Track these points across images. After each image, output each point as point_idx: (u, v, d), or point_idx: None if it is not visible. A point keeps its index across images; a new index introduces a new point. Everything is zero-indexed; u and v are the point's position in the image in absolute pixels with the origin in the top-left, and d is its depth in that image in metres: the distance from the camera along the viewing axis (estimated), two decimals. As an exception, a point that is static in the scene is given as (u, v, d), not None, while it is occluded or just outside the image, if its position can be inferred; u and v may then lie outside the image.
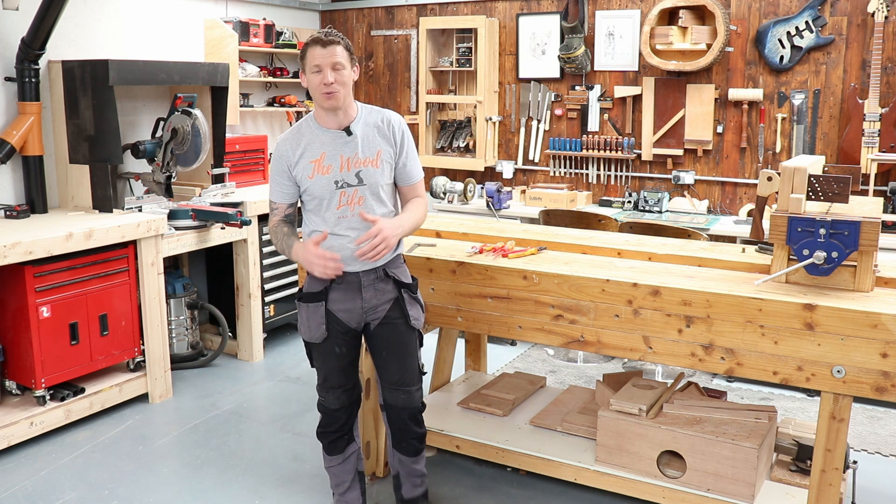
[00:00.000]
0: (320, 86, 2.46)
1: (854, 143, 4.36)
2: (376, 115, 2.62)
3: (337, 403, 2.71)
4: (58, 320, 3.57)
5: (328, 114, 2.53)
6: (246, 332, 4.62)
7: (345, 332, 2.63)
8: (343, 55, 2.48)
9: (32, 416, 3.51)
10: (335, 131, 2.54)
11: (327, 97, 2.47)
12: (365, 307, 2.60)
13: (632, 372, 3.36)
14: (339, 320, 2.61)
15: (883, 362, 2.23)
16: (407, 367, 2.70)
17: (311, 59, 2.47)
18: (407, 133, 2.64)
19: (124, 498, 3.11)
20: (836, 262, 2.38)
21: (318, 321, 2.60)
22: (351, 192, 2.53)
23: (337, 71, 2.46)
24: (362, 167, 2.53)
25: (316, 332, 2.62)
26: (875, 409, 3.91)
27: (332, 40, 2.47)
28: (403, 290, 2.64)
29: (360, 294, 2.59)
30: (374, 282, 2.59)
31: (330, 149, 2.53)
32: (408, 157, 2.64)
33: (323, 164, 2.52)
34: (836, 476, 2.40)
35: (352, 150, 2.53)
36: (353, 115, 2.56)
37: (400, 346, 2.67)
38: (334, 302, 2.59)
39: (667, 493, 2.77)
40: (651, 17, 4.72)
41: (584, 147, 5.24)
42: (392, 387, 2.71)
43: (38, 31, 3.78)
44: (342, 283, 2.57)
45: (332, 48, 2.46)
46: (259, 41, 5.20)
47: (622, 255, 3.01)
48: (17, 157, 3.99)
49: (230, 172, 4.77)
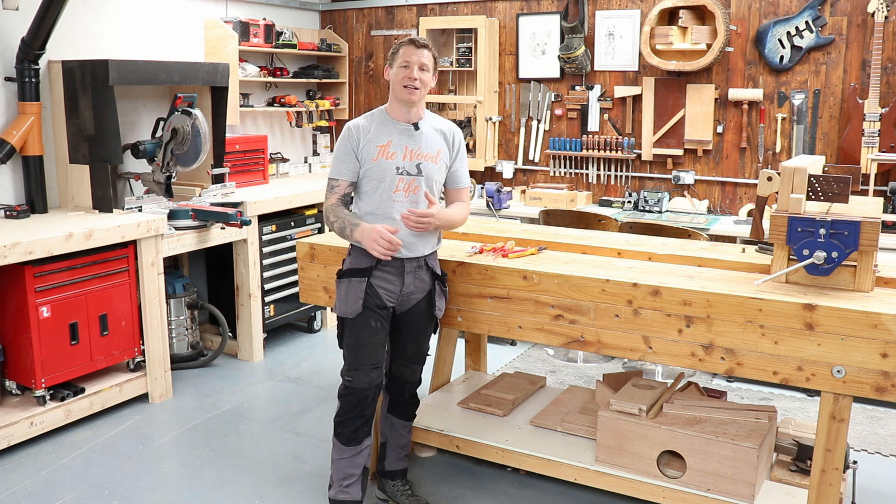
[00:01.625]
0: (405, 79, 2.69)
1: (854, 143, 4.36)
2: (441, 121, 2.88)
3: (366, 381, 2.77)
4: (58, 320, 3.57)
5: (402, 107, 2.74)
6: (246, 332, 4.62)
7: (381, 308, 2.77)
8: (430, 60, 2.73)
9: (32, 416, 3.51)
10: (404, 124, 2.76)
11: (409, 91, 2.69)
12: (404, 292, 2.78)
13: (632, 372, 3.36)
14: (378, 295, 2.75)
15: (883, 362, 2.23)
16: (420, 348, 2.94)
17: (403, 54, 2.71)
18: (463, 144, 2.90)
19: (124, 498, 3.11)
20: (836, 262, 2.38)
21: (357, 295, 2.73)
22: (409, 180, 2.73)
23: (422, 71, 2.70)
24: (423, 160, 2.75)
25: (353, 307, 2.74)
26: (875, 409, 3.91)
27: (425, 45, 2.73)
28: (437, 282, 2.84)
29: (401, 278, 2.76)
30: (415, 269, 2.78)
31: (397, 139, 2.74)
32: (460, 164, 2.89)
33: (388, 150, 2.73)
34: (836, 476, 2.40)
35: (416, 143, 2.75)
36: (422, 115, 2.80)
37: (421, 331, 2.90)
38: (378, 279, 2.75)
39: (667, 493, 2.77)
40: (651, 17, 4.72)
41: (584, 147, 5.24)
42: (402, 362, 2.93)
43: (38, 31, 3.78)
44: (387, 265, 2.74)
45: (423, 51, 2.71)
46: (259, 41, 5.20)
47: (622, 255, 3.01)
48: (17, 157, 3.99)
49: (230, 172, 4.76)
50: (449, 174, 2.88)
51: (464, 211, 2.91)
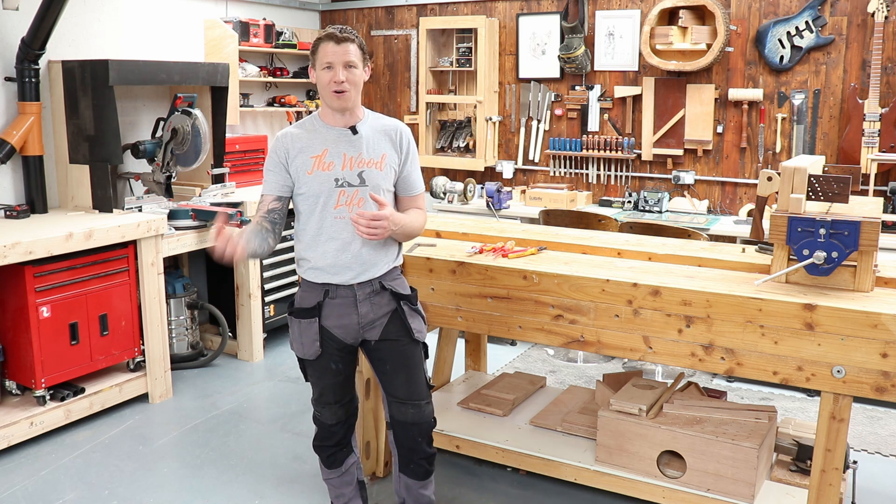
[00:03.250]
0: (330, 83, 2.38)
1: (854, 143, 4.36)
2: (384, 120, 2.56)
3: (333, 419, 2.61)
4: (58, 320, 3.57)
5: (335, 113, 2.46)
6: (246, 332, 4.62)
7: (340, 349, 2.51)
8: (356, 54, 2.39)
9: (32, 416, 3.51)
10: (340, 129, 2.46)
11: (337, 96, 2.39)
12: (361, 322, 2.48)
13: (632, 372, 3.36)
14: (334, 337, 2.48)
15: (883, 362, 2.23)
16: (414, 380, 2.56)
17: (322, 54, 2.38)
18: (413, 143, 2.57)
19: (124, 498, 3.11)
20: (836, 262, 2.38)
21: (311, 338, 2.48)
22: (351, 193, 2.42)
23: (349, 70, 2.38)
24: (366, 167, 2.44)
25: (310, 350, 2.49)
26: (875, 409, 3.91)
27: (347, 37, 2.37)
28: (402, 301, 2.52)
29: (355, 309, 2.46)
30: (369, 295, 2.47)
31: (333, 146, 2.44)
32: (412, 167, 2.55)
33: (324, 161, 2.42)
34: (836, 476, 2.40)
35: (356, 149, 2.44)
36: (360, 117, 2.50)
37: (404, 360, 2.54)
38: (328, 318, 2.47)
39: (667, 493, 2.77)
40: (651, 17, 4.72)
41: (584, 147, 5.24)
42: (399, 401, 2.56)
43: (38, 31, 3.78)
44: (336, 297, 2.45)
45: (345, 46, 2.37)
46: (259, 41, 5.20)
47: (622, 255, 3.01)
48: (17, 157, 3.99)
49: (230, 172, 4.77)
50: (400, 180, 2.53)
51: (421, 218, 2.58)
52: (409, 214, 2.53)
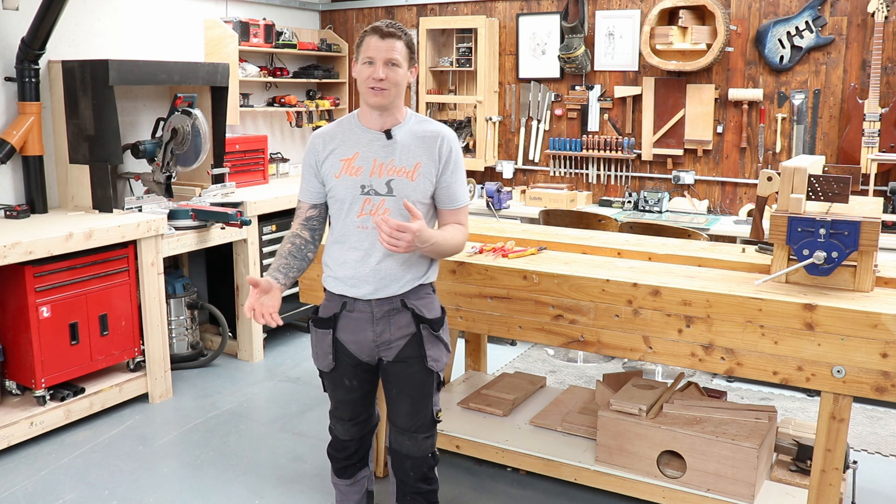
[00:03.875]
0: (369, 79, 2.21)
1: (854, 143, 4.36)
2: (426, 125, 2.34)
3: (346, 435, 2.52)
4: (58, 320, 3.57)
5: (372, 112, 2.28)
6: (246, 332, 4.62)
7: (355, 365, 2.39)
8: (401, 52, 2.22)
9: (32, 416, 3.51)
10: (375, 132, 2.29)
11: (374, 93, 2.22)
12: (377, 341, 2.34)
13: (632, 372, 3.36)
14: (347, 352, 2.38)
15: (883, 362, 2.23)
16: (417, 412, 2.40)
17: (365, 48, 2.22)
18: (456, 151, 2.33)
19: (124, 498, 3.11)
20: (836, 262, 2.38)
21: (325, 349, 2.39)
22: (377, 202, 2.26)
23: (391, 68, 2.21)
24: (395, 176, 2.26)
25: (323, 361, 2.41)
26: (875, 409, 3.91)
27: (392, 33, 2.21)
28: (423, 325, 2.34)
29: (370, 326, 2.32)
30: (388, 314, 2.31)
31: (364, 149, 2.28)
32: (453, 177, 2.33)
33: (353, 165, 2.27)
34: (836, 476, 2.40)
35: (388, 155, 2.27)
36: (399, 120, 2.31)
37: (412, 388, 2.38)
38: (343, 331, 2.36)
39: (667, 493, 2.77)
40: (651, 17, 4.72)
41: (584, 147, 5.24)
42: (397, 430, 2.44)
43: (38, 31, 3.77)
44: (353, 310, 2.32)
45: (390, 42, 2.20)
46: (259, 41, 5.20)
47: (622, 255, 3.01)
48: (17, 157, 3.99)
49: (230, 172, 4.77)
50: (440, 192, 2.33)
51: (459, 235, 2.35)
52: (446, 231, 2.34)
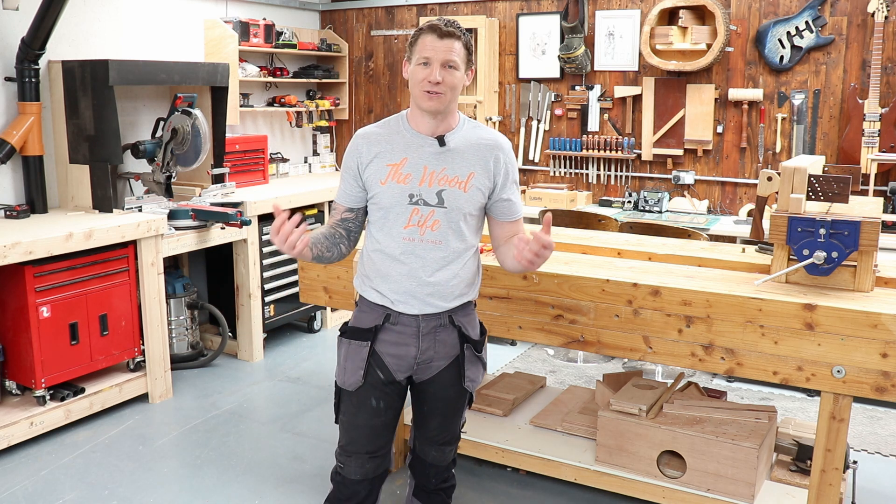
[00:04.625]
0: (424, 82, 2.06)
1: (854, 143, 4.36)
2: (482, 132, 2.21)
3: (359, 474, 2.27)
4: (58, 320, 3.57)
5: (424, 116, 2.13)
6: (246, 332, 4.62)
7: (387, 383, 2.21)
8: (460, 53, 2.09)
9: (32, 416, 3.51)
10: (426, 137, 2.14)
11: (429, 97, 2.07)
12: (419, 358, 2.20)
13: (632, 372, 3.36)
14: (384, 366, 2.20)
15: (883, 362, 2.23)
16: (448, 427, 2.36)
17: (421, 48, 2.07)
18: (513, 163, 2.22)
19: (124, 498, 3.11)
20: (836, 262, 2.38)
21: (357, 363, 2.18)
22: (426, 213, 2.11)
23: (448, 70, 2.07)
24: (447, 186, 2.11)
25: (352, 377, 2.20)
26: (875, 409, 3.91)
27: (452, 32, 2.07)
28: (467, 345, 2.23)
29: (416, 341, 2.18)
30: (434, 329, 2.18)
31: (415, 155, 2.12)
32: (511, 189, 2.22)
33: (401, 171, 2.11)
34: (836, 476, 2.40)
35: (440, 163, 2.12)
36: (452, 125, 2.17)
37: (445, 407, 2.31)
38: (384, 343, 2.19)
39: (667, 493, 2.77)
40: (651, 17, 4.72)
41: (584, 147, 5.24)
42: (427, 440, 2.38)
43: (38, 31, 3.77)
44: (397, 323, 2.17)
45: (449, 42, 2.06)
46: (259, 41, 5.20)
47: (622, 255, 3.01)
48: (17, 157, 3.99)
49: (230, 172, 4.77)
50: (499, 205, 2.21)
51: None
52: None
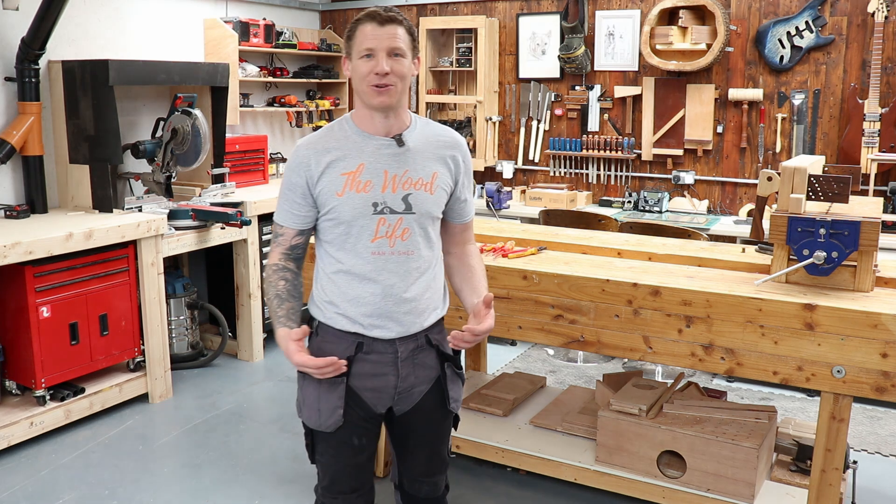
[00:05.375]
0: (370, 75, 1.85)
1: (854, 143, 4.36)
2: (436, 128, 2.03)
3: None
4: (58, 320, 3.57)
5: (375, 115, 1.92)
6: (246, 332, 4.62)
7: (367, 419, 2.01)
8: (405, 40, 1.88)
9: (32, 416, 3.51)
10: (381, 139, 1.93)
11: (378, 91, 1.86)
12: (399, 387, 1.99)
13: (632, 372, 3.36)
14: (362, 402, 1.97)
15: (883, 362, 2.23)
16: (436, 457, 2.15)
17: (361, 39, 1.86)
18: (470, 159, 2.08)
19: (124, 498, 3.11)
20: (836, 262, 2.38)
21: (333, 404, 1.94)
22: (394, 221, 1.91)
23: (395, 59, 1.86)
24: (413, 190, 1.92)
25: (329, 419, 1.96)
26: (875, 409, 3.91)
27: (393, 17, 1.86)
28: (447, 364, 2.06)
29: (395, 369, 1.97)
30: (413, 353, 1.99)
31: (372, 160, 1.91)
32: (467, 189, 2.08)
33: (359, 179, 1.89)
34: (836, 476, 2.40)
35: (401, 165, 1.92)
36: (406, 122, 1.97)
37: (432, 436, 2.12)
38: (359, 377, 1.96)
39: (667, 493, 2.77)
40: (651, 17, 4.72)
41: (584, 147, 5.24)
42: (415, 477, 2.16)
43: (38, 31, 3.78)
44: (371, 352, 1.95)
45: (391, 28, 1.85)
46: (259, 41, 5.20)
47: (622, 255, 3.01)
48: (17, 157, 3.99)
49: (230, 172, 4.77)
50: (454, 204, 2.05)
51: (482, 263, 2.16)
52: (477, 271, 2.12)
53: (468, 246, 2.15)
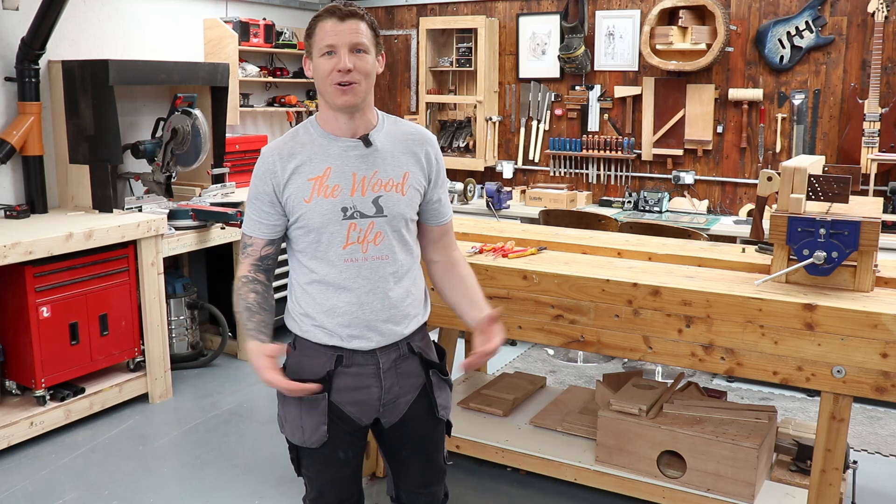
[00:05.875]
0: (333, 73, 1.78)
1: (854, 143, 4.36)
2: (405, 126, 1.96)
3: None
4: (58, 320, 3.57)
5: (340, 115, 1.85)
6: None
7: (352, 432, 1.95)
8: (367, 35, 1.80)
9: (32, 416, 3.51)
10: (348, 140, 1.86)
11: (342, 91, 1.78)
12: (383, 399, 1.93)
13: (632, 372, 3.36)
14: (345, 416, 1.92)
15: (883, 362, 2.23)
16: (431, 466, 2.10)
17: (321, 36, 1.79)
18: (441, 156, 2.01)
19: (124, 498, 3.11)
20: (836, 262, 2.37)
21: (316, 420, 1.90)
22: (365, 226, 1.84)
23: (357, 55, 1.78)
24: (383, 192, 1.85)
25: (313, 435, 1.92)
26: (875, 409, 3.91)
27: (354, 12, 1.79)
28: (432, 371, 2.01)
29: (377, 381, 1.91)
30: (396, 362, 1.93)
31: (339, 163, 1.84)
32: (442, 189, 2.01)
33: (327, 184, 1.83)
34: (836, 476, 2.40)
35: (370, 167, 1.85)
36: (373, 122, 1.90)
37: (424, 445, 2.07)
38: (341, 391, 1.90)
39: (667, 493, 2.77)
40: (651, 17, 4.72)
41: (584, 147, 5.24)
42: (412, 489, 2.12)
43: (38, 31, 3.78)
44: (351, 364, 1.89)
45: (353, 23, 1.78)
46: (259, 41, 5.20)
47: (622, 255, 3.01)
48: (17, 157, 3.99)
49: (230, 172, 4.77)
50: (428, 207, 1.98)
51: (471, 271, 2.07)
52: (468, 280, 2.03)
53: (452, 252, 2.07)
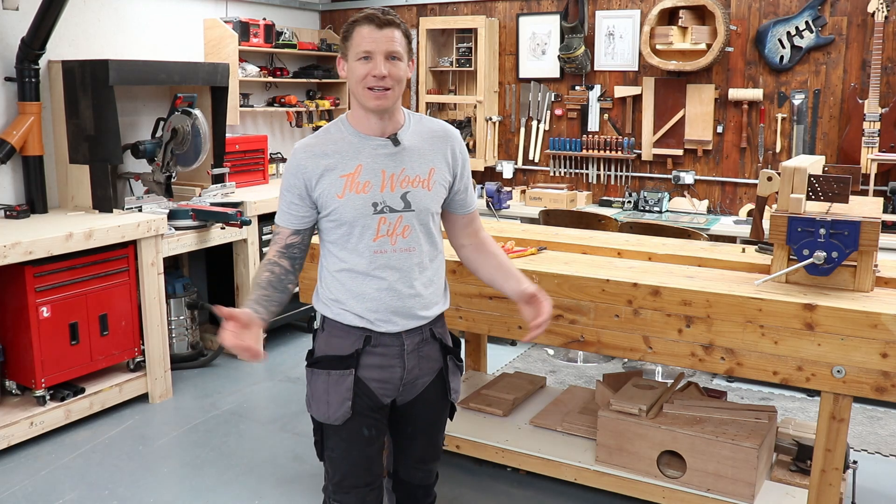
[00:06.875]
0: (367, 78, 1.89)
1: (854, 143, 4.36)
2: (430, 123, 2.08)
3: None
4: (58, 320, 3.57)
5: (371, 116, 1.96)
6: (246, 332, 4.61)
7: (375, 409, 2.06)
8: (402, 43, 1.92)
9: (32, 416, 3.51)
10: (377, 139, 1.98)
11: (375, 96, 1.90)
12: (405, 379, 2.06)
13: (632, 372, 3.36)
14: (370, 392, 2.04)
15: (883, 362, 2.23)
16: (432, 445, 2.23)
17: (358, 41, 1.89)
18: (465, 150, 2.12)
19: (124, 498, 3.11)
20: (836, 262, 2.38)
21: (343, 395, 2.01)
22: (394, 220, 1.97)
23: (392, 62, 1.90)
24: (411, 187, 1.98)
25: (338, 411, 2.02)
26: (875, 409, 3.91)
27: (391, 21, 1.90)
28: (449, 357, 2.15)
29: (401, 361, 2.04)
30: (419, 345, 2.06)
31: (369, 161, 1.96)
32: (468, 181, 2.13)
33: (358, 180, 1.95)
34: (836, 476, 2.40)
35: (398, 164, 1.98)
36: (401, 122, 2.02)
37: (429, 423, 2.19)
38: (367, 368, 2.03)
39: (667, 493, 2.77)
40: (651, 17, 4.72)
41: (584, 147, 5.24)
42: (412, 463, 2.24)
43: (38, 31, 3.78)
44: (378, 345, 2.02)
45: (389, 31, 1.89)
46: (259, 41, 5.20)
47: (622, 255, 3.01)
48: (17, 157, 3.99)
49: (230, 172, 4.77)
50: (455, 199, 2.11)
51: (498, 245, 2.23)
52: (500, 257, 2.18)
53: (480, 233, 2.20)
